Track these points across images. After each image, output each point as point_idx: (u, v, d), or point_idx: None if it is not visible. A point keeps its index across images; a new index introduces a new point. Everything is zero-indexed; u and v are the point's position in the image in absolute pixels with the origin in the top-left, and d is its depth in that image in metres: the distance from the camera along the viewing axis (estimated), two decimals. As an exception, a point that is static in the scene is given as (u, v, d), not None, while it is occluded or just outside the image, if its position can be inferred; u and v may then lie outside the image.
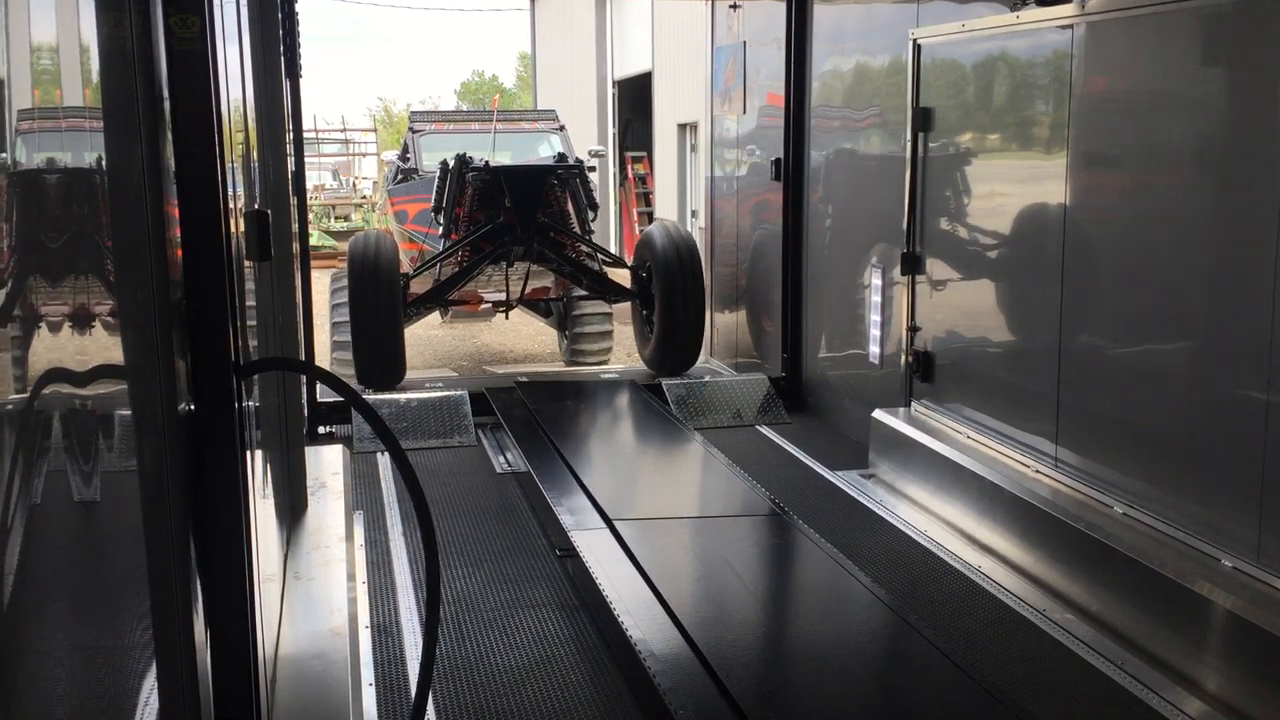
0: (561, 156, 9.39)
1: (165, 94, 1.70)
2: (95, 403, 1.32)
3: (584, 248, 8.74)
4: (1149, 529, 4.07)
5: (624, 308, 9.31)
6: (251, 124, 3.58)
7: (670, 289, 8.06)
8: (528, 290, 9.21)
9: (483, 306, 9.41)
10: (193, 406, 1.72)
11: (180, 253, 1.71)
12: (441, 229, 8.67)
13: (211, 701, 1.79)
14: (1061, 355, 4.64)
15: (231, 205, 2.60)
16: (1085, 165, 4.50)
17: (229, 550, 1.77)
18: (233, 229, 2.69)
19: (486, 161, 8.52)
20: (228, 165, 2.45)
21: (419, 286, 8.41)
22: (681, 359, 8.16)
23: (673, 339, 8.09)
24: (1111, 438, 4.43)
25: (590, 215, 8.89)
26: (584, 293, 9.13)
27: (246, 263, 3.23)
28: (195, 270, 1.69)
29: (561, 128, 11.53)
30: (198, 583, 1.74)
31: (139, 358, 1.51)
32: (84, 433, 1.27)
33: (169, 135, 1.70)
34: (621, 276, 9.04)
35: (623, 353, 10.94)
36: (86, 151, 1.35)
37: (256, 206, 3.77)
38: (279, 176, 4.19)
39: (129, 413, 1.47)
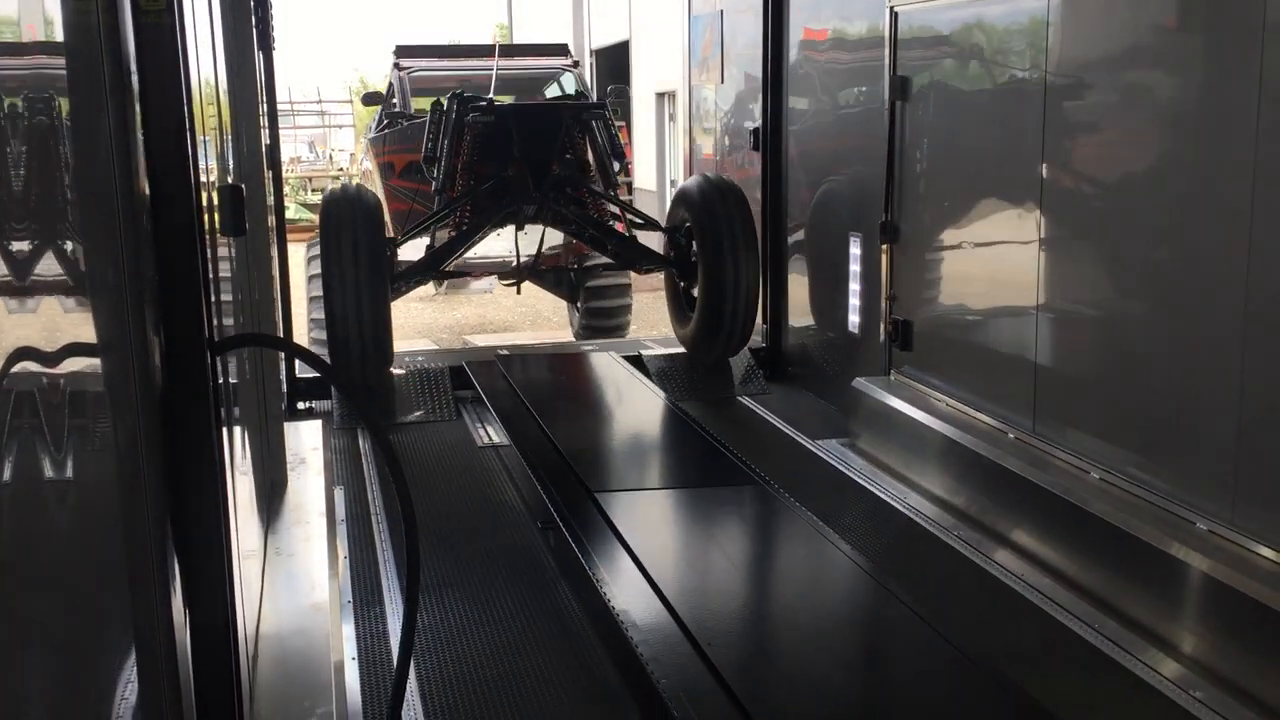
0: (580, 94, 7.96)
1: (133, 68, 1.68)
2: (67, 381, 1.31)
3: (609, 206, 7.29)
4: (1124, 494, 4.10)
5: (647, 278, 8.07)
6: (224, 97, 3.54)
7: (717, 256, 6.63)
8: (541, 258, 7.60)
9: (485, 279, 7.80)
10: (166, 384, 1.71)
11: (151, 228, 1.69)
12: (435, 184, 7.09)
13: (191, 679, 1.78)
14: (1039, 322, 4.66)
15: (203, 179, 2.58)
16: (1062, 132, 4.50)
17: (206, 528, 1.76)
18: (205, 204, 2.67)
19: (490, 100, 7.01)
20: (199, 139, 2.42)
21: (409, 253, 7.10)
22: (731, 342, 6.84)
23: (719, 318, 6.68)
24: (1088, 404, 4.46)
25: (615, 166, 7.42)
26: (600, 260, 7.70)
27: (221, 238, 3.21)
28: (166, 245, 1.67)
29: (575, 64, 9.75)
30: (175, 561, 1.74)
31: (111, 334, 1.49)
32: (55, 411, 1.25)
33: (138, 110, 1.68)
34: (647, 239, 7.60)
35: (641, 324, 10.18)
36: (53, 127, 1.33)
37: (230, 181, 3.74)
38: (253, 150, 4.15)
39: (102, 390, 1.46)
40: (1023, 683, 3.27)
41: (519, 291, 7.65)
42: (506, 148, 6.82)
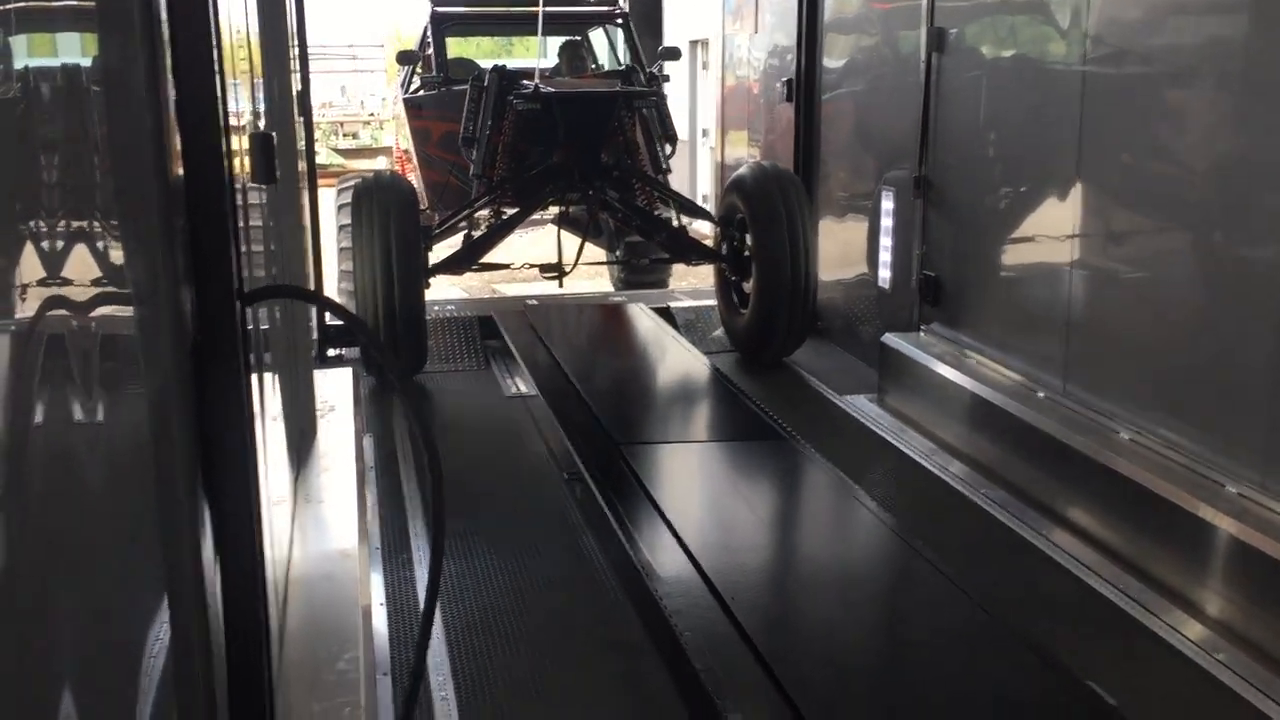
0: (631, 70, 7.30)
1: (164, 15, 1.67)
2: (100, 327, 1.31)
3: (658, 195, 6.86)
4: (1154, 454, 4.07)
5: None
6: (255, 42, 3.53)
7: (774, 255, 6.19)
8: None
9: (524, 267, 7.14)
10: (197, 334, 1.72)
11: (182, 177, 1.69)
12: (474, 167, 6.71)
13: (221, 623, 1.81)
14: (1071, 280, 4.61)
15: (235, 126, 2.58)
16: (1101, 88, 4.42)
17: (236, 475, 1.78)
18: (235, 151, 2.67)
19: (536, 85, 6.44)
20: (229, 86, 2.42)
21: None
22: (788, 344, 6.44)
23: (775, 318, 6.28)
24: (1119, 363, 4.42)
25: (667, 150, 7.07)
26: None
27: (251, 186, 3.21)
28: (197, 195, 1.67)
29: (623, 17, 9.02)
30: (205, 507, 1.76)
31: (143, 284, 1.50)
32: (87, 357, 1.26)
33: (168, 57, 1.67)
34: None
35: (680, 274, 9.90)
36: (84, 74, 1.33)
37: (261, 128, 3.74)
38: (283, 97, 4.14)
39: (135, 337, 1.47)
40: (1042, 640, 3.28)
41: (561, 285, 7.07)
42: (552, 133, 6.42)
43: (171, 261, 1.61)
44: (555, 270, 6.90)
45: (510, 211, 6.64)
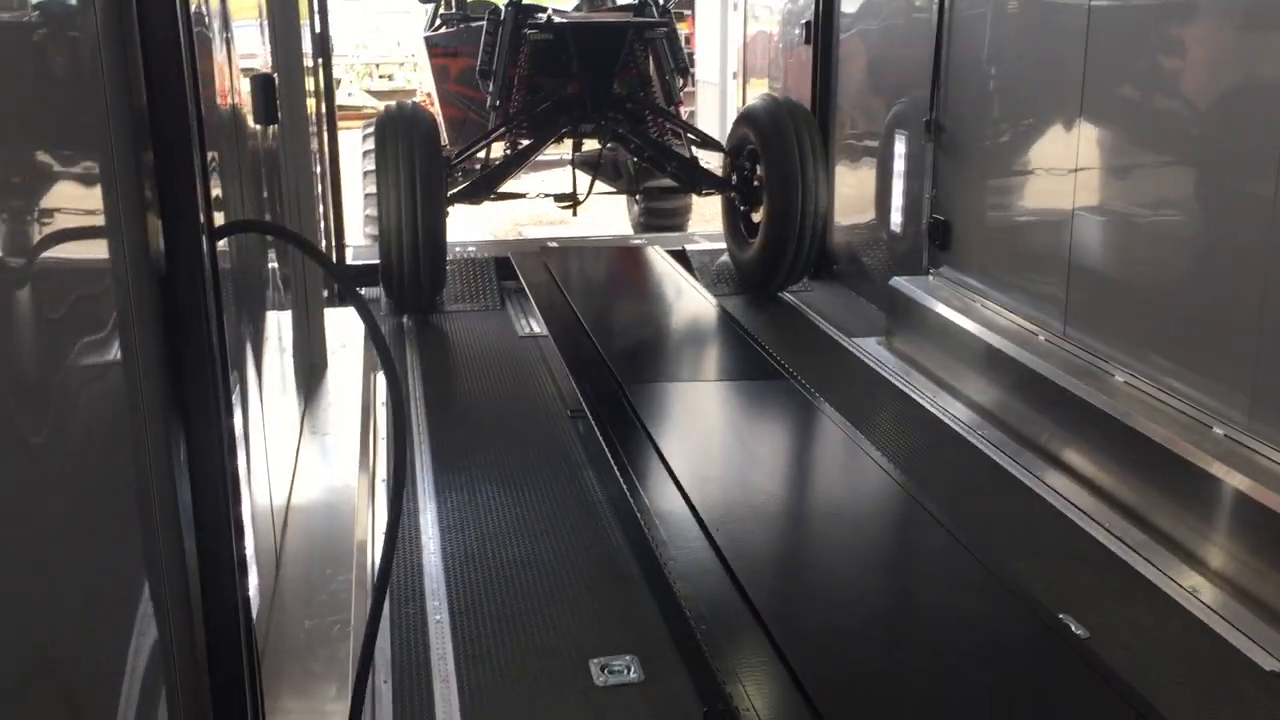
0: (644, 4, 7.29)
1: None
2: (68, 259, 1.41)
3: (670, 125, 7.07)
4: (1146, 397, 4.12)
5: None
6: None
7: (784, 184, 6.32)
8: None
9: (540, 196, 7.40)
10: (168, 268, 1.81)
11: (149, 113, 1.76)
12: (491, 99, 6.90)
13: (195, 548, 1.89)
14: (1074, 226, 4.63)
15: (221, 63, 2.66)
16: (1106, 37, 4.41)
17: (206, 405, 1.86)
18: (226, 90, 2.75)
19: (549, 16, 6.71)
20: (210, 23, 2.50)
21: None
22: (794, 273, 6.63)
23: (783, 248, 6.42)
24: (1116, 307, 4.45)
25: (679, 83, 7.17)
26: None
27: (253, 126, 3.30)
28: (161, 130, 1.75)
29: None
30: (181, 441, 1.85)
31: (110, 217, 1.59)
32: (57, 289, 1.36)
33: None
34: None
35: (699, 218, 10.03)
36: (47, 11, 1.41)
37: (268, 68, 3.82)
38: (291, 38, 4.21)
39: (104, 269, 1.56)
40: (1021, 575, 3.36)
41: (575, 214, 7.37)
42: (565, 64, 6.60)
43: (139, 196, 1.70)
44: (569, 199, 7.17)
45: (526, 142, 6.79)
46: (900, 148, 6.23)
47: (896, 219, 6.36)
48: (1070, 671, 2.89)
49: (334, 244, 6.65)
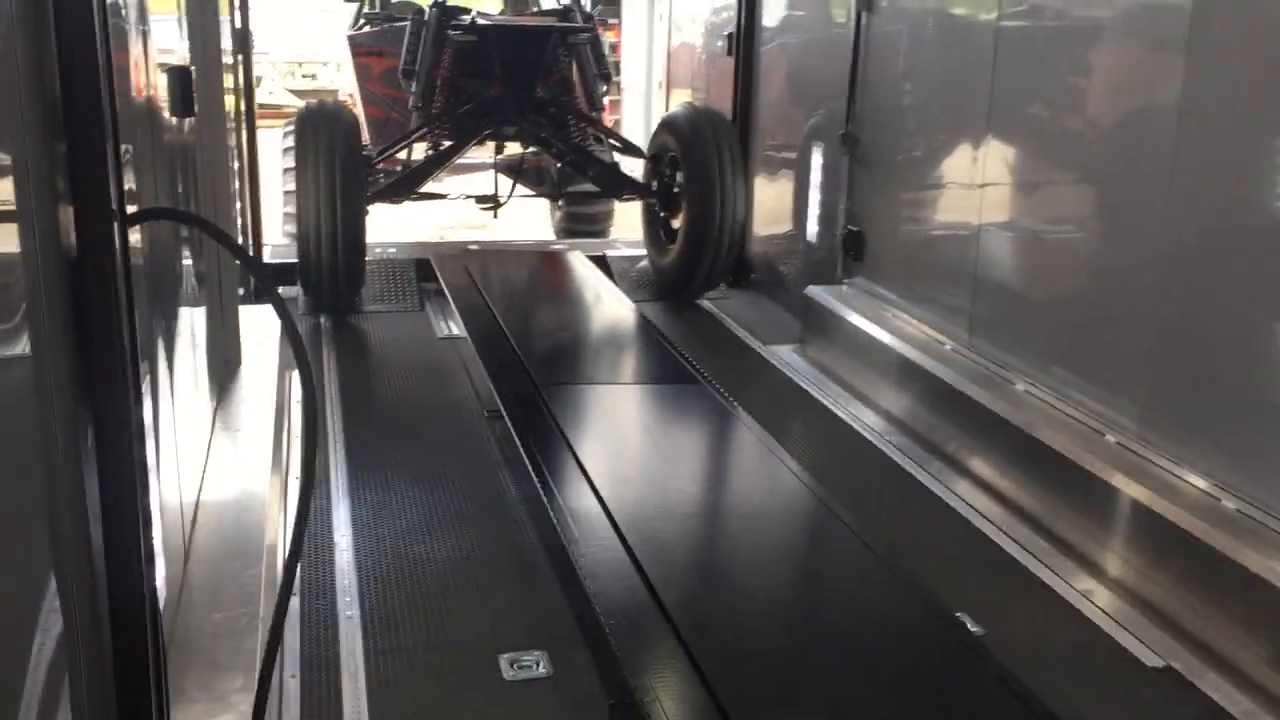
0: (569, 10, 7.43)
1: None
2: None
3: (592, 131, 7.21)
4: (1044, 405, 4.27)
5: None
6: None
7: (703, 191, 6.47)
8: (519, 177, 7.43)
9: (461, 197, 7.50)
10: (79, 254, 1.81)
11: (60, 99, 1.77)
12: (413, 99, 6.88)
13: (103, 551, 1.89)
14: (979, 239, 4.78)
15: (135, 55, 2.66)
16: (1010, 58, 4.57)
17: (115, 391, 1.87)
18: (132, 80, 2.74)
19: (474, 18, 6.78)
20: (135, 16, 2.50)
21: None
22: (713, 277, 6.76)
23: (701, 256, 6.56)
24: (1018, 317, 4.61)
25: (602, 88, 7.28)
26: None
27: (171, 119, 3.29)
28: (74, 117, 1.76)
29: None
30: (89, 421, 1.85)
31: (20, 202, 1.60)
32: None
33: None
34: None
35: (622, 224, 9.95)
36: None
37: (185, 62, 3.80)
38: (210, 32, 4.20)
39: (14, 260, 1.57)
40: (921, 575, 3.47)
41: (496, 216, 7.47)
42: (489, 67, 6.65)
43: (50, 181, 1.71)
44: (491, 201, 7.26)
45: (448, 143, 6.83)
46: (817, 159, 6.36)
47: (813, 229, 6.49)
48: (965, 667, 3.00)
49: (252, 241, 6.60)
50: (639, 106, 15.49)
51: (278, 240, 8.43)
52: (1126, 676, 3.22)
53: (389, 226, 10.84)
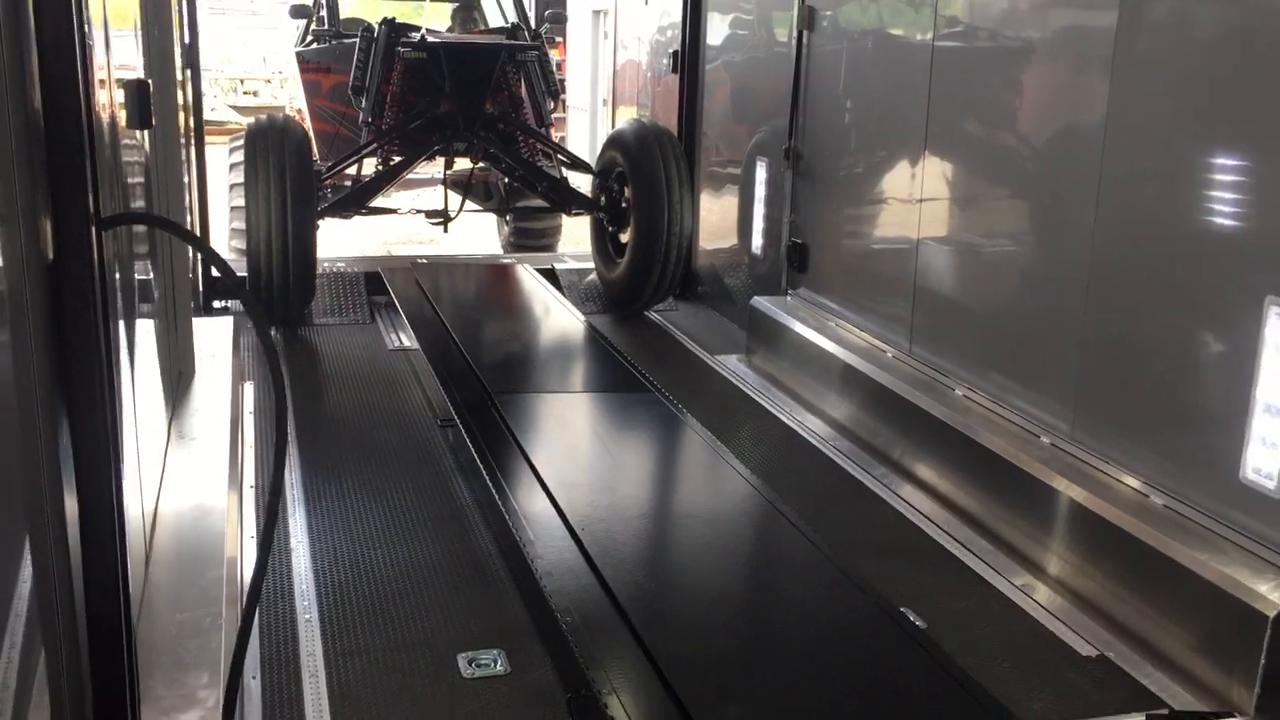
0: (516, 28, 7.61)
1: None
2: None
3: (541, 146, 7.29)
4: (982, 409, 4.43)
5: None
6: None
7: (651, 205, 6.59)
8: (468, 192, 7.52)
9: (411, 212, 7.63)
10: (56, 257, 1.87)
11: (42, 108, 1.83)
12: (363, 115, 6.95)
13: (80, 553, 1.94)
14: (918, 251, 4.94)
15: (103, 67, 2.71)
16: (945, 75, 4.74)
17: (92, 389, 1.93)
18: (105, 88, 2.80)
19: (423, 35, 6.81)
20: (98, 31, 2.55)
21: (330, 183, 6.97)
22: (660, 290, 6.89)
23: (649, 269, 6.69)
24: (956, 326, 4.77)
25: (550, 105, 7.41)
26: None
27: (131, 131, 3.33)
28: (53, 125, 1.82)
29: None
30: (64, 422, 1.91)
31: (5, 207, 1.66)
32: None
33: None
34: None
35: (569, 239, 10.18)
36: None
37: (141, 75, 3.84)
38: (165, 47, 4.24)
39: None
40: (868, 573, 3.59)
41: (446, 230, 7.50)
42: (438, 83, 6.74)
43: (29, 187, 1.78)
44: (440, 215, 7.31)
45: (397, 159, 6.91)
46: (762, 174, 6.51)
47: (758, 242, 6.64)
48: (909, 657, 3.12)
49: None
50: (585, 124, 15.63)
51: (225, 255, 8.40)
52: (1062, 665, 3.36)
53: (337, 241, 10.87)
